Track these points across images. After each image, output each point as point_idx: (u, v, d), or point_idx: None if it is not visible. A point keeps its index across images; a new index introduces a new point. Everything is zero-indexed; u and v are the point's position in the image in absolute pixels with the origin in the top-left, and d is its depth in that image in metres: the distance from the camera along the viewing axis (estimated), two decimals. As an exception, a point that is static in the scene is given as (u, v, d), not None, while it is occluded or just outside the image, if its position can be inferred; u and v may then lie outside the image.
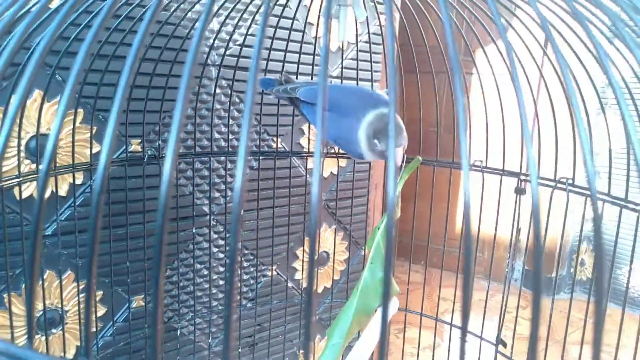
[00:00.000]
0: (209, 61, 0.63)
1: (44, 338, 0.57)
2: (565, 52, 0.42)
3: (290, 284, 0.78)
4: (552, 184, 0.43)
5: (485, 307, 0.53)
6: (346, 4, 0.37)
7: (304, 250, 0.79)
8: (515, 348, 0.51)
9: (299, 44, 0.59)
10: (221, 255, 0.72)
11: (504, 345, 0.47)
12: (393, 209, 0.15)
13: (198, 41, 0.15)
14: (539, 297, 0.16)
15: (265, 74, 0.60)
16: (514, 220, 0.48)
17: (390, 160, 0.14)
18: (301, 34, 0.61)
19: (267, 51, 0.57)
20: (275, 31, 0.54)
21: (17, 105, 0.17)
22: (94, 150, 0.57)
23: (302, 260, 0.79)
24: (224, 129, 0.67)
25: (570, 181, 0.41)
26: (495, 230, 0.50)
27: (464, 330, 0.17)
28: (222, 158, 0.67)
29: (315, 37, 0.71)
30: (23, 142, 0.52)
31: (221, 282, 0.72)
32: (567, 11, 0.35)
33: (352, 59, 0.76)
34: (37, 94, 0.52)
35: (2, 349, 0.12)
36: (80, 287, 0.59)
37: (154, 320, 0.11)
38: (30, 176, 0.45)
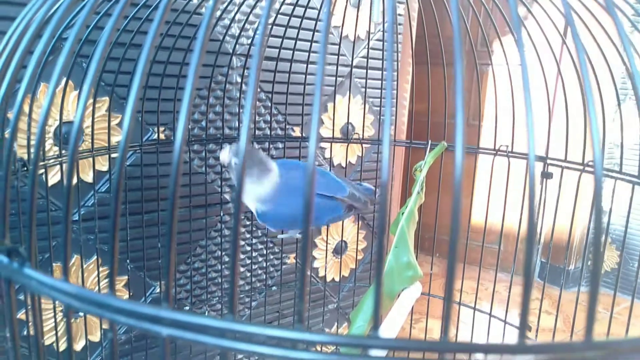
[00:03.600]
0: (230, 50, 0.64)
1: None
2: (585, 40, 0.42)
3: (309, 272, 0.79)
4: (580, 167, 0.43)
5: (509, 295, 0.53)
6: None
7: (326, 240, 0.80)
8: (538, 340, 0.51)
9: (311, 32, 0.59)
10: (241, 242, 0.73)
11: (529, 329, 0.48)
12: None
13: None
14: (596, 291, 0.16)
15: (291, 65, 0.60)
16: (539, 206, 0.48)
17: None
18: (314, 22, 0.62)
19: (293, 41, 0.57)
20: (301, 22, 0.55)
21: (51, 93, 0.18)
22: (117, 139, 0.58)
23: (326, 250, 0.80)
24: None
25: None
26: (521, 218, 0.51)
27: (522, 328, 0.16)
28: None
29: (342, 27, 0.71)
30: (51, 129, 0.53)
31: (242, 269, 0.73)
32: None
33: (373, 48, 0.76)
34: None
35: (85, 295, 0.13)
36: (106, 272, 0.61)
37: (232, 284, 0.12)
38: (58, 158, 0.46)
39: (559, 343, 0.13)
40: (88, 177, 0.57)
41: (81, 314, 0.59)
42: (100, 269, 0.60)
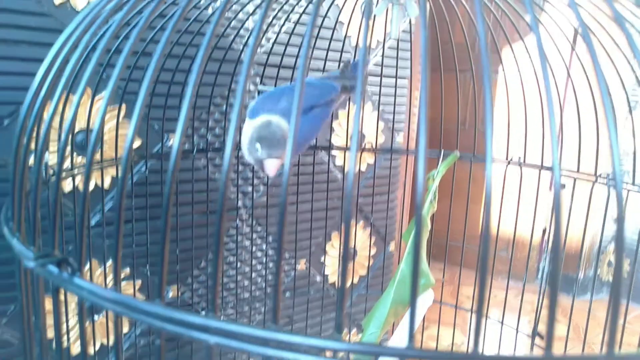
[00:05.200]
0: (241, 58, 0.65)
1: (87, 324, 0.60)
2: (596, 49, 0.43)
3: (319, 278, 0.80)
4: (593, 178, 0.44)
5: (521, 303, 0.53)
6: (399, 2, 0.39)
7: (338, 247, 0.81)
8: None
9: (328, 41, 0.61)
10: (254, 249, 0.74)
11: (541, 337, 0.48)
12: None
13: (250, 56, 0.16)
14: (618, 307, 0.16)
15: (307, 74, 0.61)
16: (552, 217, 0.48)
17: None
18: (330, 31, 0.63)
19: (297, 49, 0.59)
20: (319, 32, 0.56)
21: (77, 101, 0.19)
22: (134, 145, 0.60)
23: (338, 257, 0.80)
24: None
25: (611, 176, 0.42)
26: (533, 226, 0.51)
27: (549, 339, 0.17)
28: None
29: (345, 36, 0.72)
30: (71, 137, 0.55)
31: (254, 275, 0.74)
32: (602, 10, 0.36)
33: (385, 56, 0.77)
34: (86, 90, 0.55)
35: (126, 302, 0.14)
36: (122, 276, 0.62)
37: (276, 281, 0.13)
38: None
39: (583, 356, 0.13)
40: (105, 184, 0.58)
41: (96, 316, 0.61)
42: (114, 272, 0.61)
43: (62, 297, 0.49)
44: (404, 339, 0.48)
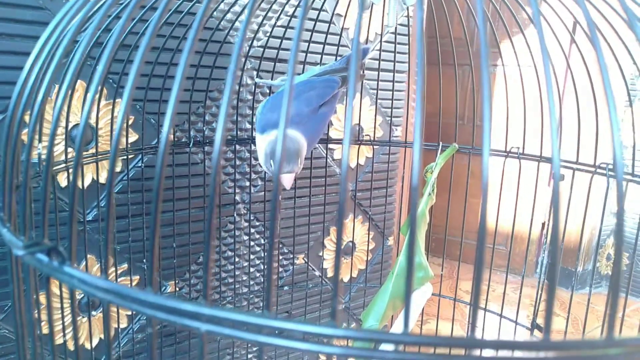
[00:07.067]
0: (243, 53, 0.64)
1: (84, 319, 0.60)
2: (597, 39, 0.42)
3: (317, 273, 0.80)
4: (592, 169, 0.43)
5: (520, 296, 0.53)
6: (395, -9, 0.38)
7: (340, 241, 0.80)
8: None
9: (324, 35, 0.60)
10: (252, 243, 0.73)
11: (540, 329, 0.48)
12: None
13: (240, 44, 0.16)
14: (618, 292, 0.16)
15: (304, 67, 0.61)
16: (550, 209, 0.48)
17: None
18: (327, 25, 0.62)
19: (306, 44, 0.58)
20: (314, 25, 0.55)
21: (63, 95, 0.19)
22: (130, 139, 0.59)
23: (339, 253, 0.80)
24: (247, 119, 0.68)
25: (610, 166, 0.42)
26: (532, 220, 0.51)
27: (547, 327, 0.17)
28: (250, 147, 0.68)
29: (342, 28, 0.72)
30: (66, 131, 0.54)
31: (252, 269, 0.74)
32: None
33: (382, 50, 0.77)
34: (79, 85, 0.54)
35: (121, 291, 0.14)
36: (121, 271, 0.61)
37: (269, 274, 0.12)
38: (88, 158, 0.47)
39: (582, 340, 0.13)
40: (101, 178, 0.58)
41: (94, 312, 0.60)
42: (113, 268, 0.60)
43: (57, 292, 0.48)
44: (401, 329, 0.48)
